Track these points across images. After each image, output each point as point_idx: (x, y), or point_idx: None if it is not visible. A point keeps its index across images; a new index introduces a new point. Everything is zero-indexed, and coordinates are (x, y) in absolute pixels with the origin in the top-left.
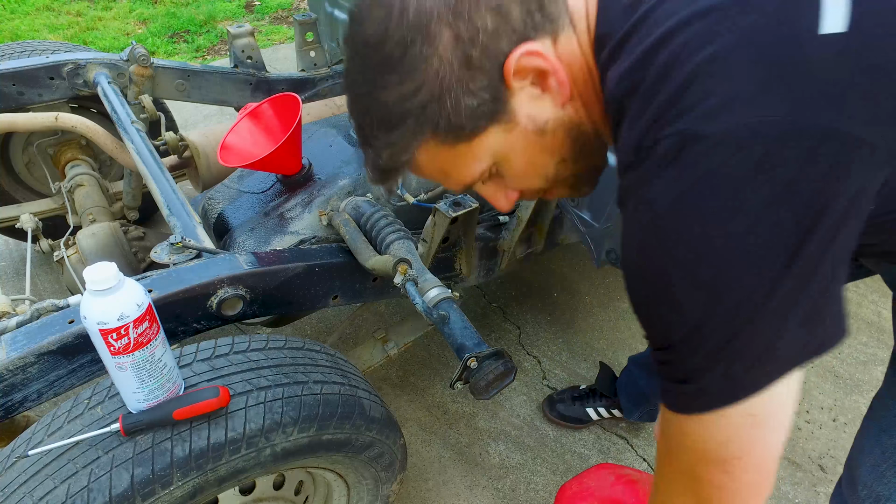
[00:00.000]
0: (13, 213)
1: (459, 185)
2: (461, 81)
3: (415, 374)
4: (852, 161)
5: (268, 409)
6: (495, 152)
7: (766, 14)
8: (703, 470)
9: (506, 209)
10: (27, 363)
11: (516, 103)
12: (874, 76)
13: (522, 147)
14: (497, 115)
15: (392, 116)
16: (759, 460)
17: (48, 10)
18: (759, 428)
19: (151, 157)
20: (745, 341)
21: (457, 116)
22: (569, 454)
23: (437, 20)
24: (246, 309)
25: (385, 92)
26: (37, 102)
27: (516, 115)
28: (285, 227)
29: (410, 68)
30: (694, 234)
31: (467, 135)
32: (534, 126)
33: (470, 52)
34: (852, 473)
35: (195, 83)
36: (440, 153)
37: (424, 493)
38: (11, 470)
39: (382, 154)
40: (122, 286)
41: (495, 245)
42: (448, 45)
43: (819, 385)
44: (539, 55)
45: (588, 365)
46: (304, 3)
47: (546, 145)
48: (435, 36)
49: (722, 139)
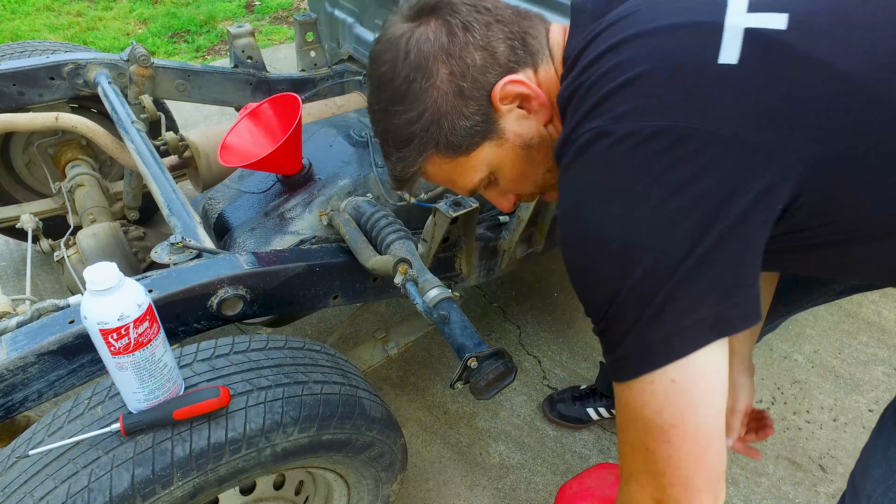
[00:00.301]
0: (13, 213)
1: (465, 191)
2: (456, 108)
3: (415, 374)
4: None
5: (268, 409)
6: (490, 163)
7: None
8: (650, 441)
9: (508, 210)
10: (28, 363)
11: (505, 123)
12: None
13: (513, 159)
14: (489, 134)
15: (401, 137)
16: (694, 428)
17: (48, 10)
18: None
19: (152, 157)
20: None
21: (453, 136)
22: (569, 454)
23: (434, 60)
24: (246, 309)
25: (395, 118)
26: (37, 102)
27: (505, 132)
28: (285, 227)
29: (414, 99)
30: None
31: (464, 150)
32: (521, 141)
33: (462, 84)
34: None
35: (195, 83)
36: (444, 165)
37: (425, 492)
38: (12, 470)
39: (397, 167)
40: (123, 286)
41: (496, 245)
42: (444, 79)
43: (819, 385)
44: (520, 83)
45: (588, 365)
46: (304, 3)
47: (532, 157)
48: (433, 73)
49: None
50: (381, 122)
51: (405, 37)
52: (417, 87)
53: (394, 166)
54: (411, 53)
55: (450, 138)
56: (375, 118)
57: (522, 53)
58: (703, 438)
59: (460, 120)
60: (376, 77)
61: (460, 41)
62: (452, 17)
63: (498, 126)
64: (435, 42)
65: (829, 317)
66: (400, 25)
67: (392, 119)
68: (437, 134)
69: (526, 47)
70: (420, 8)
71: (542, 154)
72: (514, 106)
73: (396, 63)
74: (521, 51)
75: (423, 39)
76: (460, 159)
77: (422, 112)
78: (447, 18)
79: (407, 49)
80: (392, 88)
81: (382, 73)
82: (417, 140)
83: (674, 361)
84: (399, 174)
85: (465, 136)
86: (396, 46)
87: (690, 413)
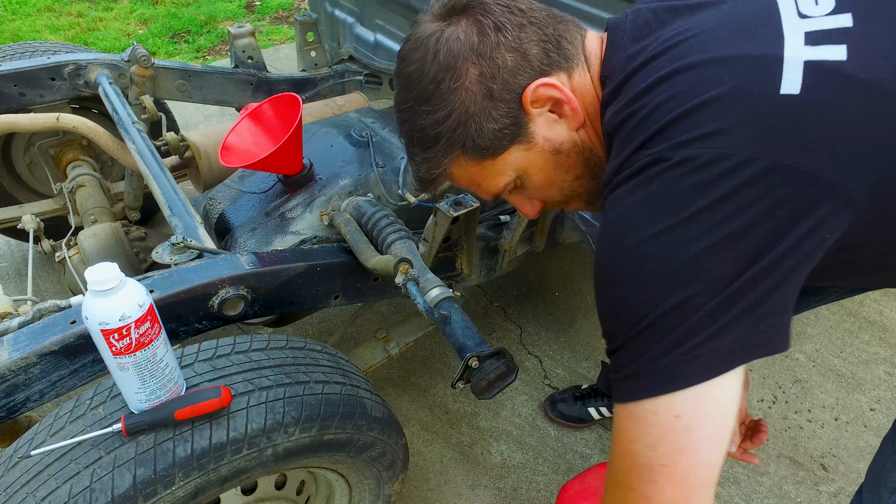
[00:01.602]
0: (15, 213)
1: (489, 195)
2: (484, 110)
3: (416, 373)
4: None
5: (269, 409)
6: (518, 167)
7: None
8: (633, 478)
9: (532, 216)
10: (29, 363)
11: (535, 127)
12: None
13: (541, 164)
14: (518, 137)
15: (427, 138)
16: (685, 473)
17: (49, 10)
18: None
19: (152, 158)
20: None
21: (481, 138)
22: (570, 453)
23: (464, 60)
24: (247, 309)
25: (422, 118)
26: (38, 103)
27: (535, 136)
28: (286, 227)
29: (441, 100)
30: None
31: (492, 153)
32: (550, 147)
33: (491, 86)
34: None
35: (196, 83)
36: (470, 167)
37: (426, 492)
38: (14, 470)
39: (422, 168)
40: (124, 286)
41: (496, 245)
42: (473, 80)
43: (821, 384)
44: (553, 87)
45: (589, 364)
46: (304, 2)
47: (561, 163)
48: (462, 73)
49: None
50: (408, 121)
51: (435, 36)
52: (445, 88)
53: (418, 167)
54: (440, 53)
55: (477, 140)
56: (402, 117)
57: (556, 57)
58: (691, 488)
59: (488, 122)
60: (404, 76)
61: (491, 42)
62: (484, 17)
63: (527, 129)
64: (465, 42)
65: (830, 316)
66: (430, 24)
67: (418, 119)
68: (463, 136)
69: (560, 51)
70: (451, 7)
71: (571, 160)
72: (545, 110)
73: (425, 63)
74: (554, 54)
75: (454, 39)
76: (487, 162)
77: (449, 113)
78: (479, 18)
79: (436, 49)
80: (420, 88)
81: (410, 72)
82: (444, 141)
83: (684, 389)
84: (424, 175)
85: (493, 139)
86: (426, 46)
87: (686, 455)
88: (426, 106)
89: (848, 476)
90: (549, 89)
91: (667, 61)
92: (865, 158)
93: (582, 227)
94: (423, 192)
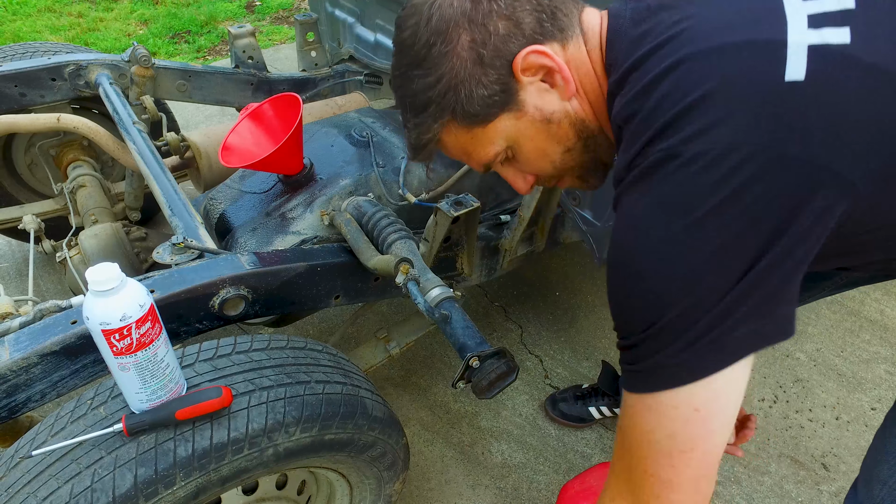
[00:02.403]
0: (15, 213)
1: (480, 165)
2: (474, 76)
3: (417, 373)
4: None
5: (270, 409)
6: (508, 136)
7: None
8: (651, 463)
9: (524, 191)
10: (30, 364)
11: (525, 95)
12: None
13: (531, 134)
14: (508, 105)
15: (418, 103)
16: (702, 456)
17: (49, 11)
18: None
19: (153, 158)
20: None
21: (470, 104)
22: (571, 453)
23: (455, 26)
24: (248, 309)
25: (413, 83)
26: (39, 104)
27: (525, 105)
28: (287, 227)
29: (432, 64)
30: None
31: (481, 120)
32: (541, 116)
33: (482, 52)
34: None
35: (196, 84)
36: (460, 135)
37: (427, 492)
38: (15, 470)
39: (412, 133)
40: (125, 287)
41: (497, 244)
42: (464, 46)
43: (822, 383)
44: (544, 54)
45: (590, 364)
46: (304, 2)
47: (552, 133)
48: (453, 38)
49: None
50: (401, 87)
51: (429, 2)
52: (436, 52)
53: (410, 133)
54: (433, 18)
55: (466, 107)
56: (396, 83)
57: (550, 27)
58: (706, 466)
59: (478, 88)
60: (399, 42)
61: (484, 8)
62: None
63: (518, 97)
64: (458, 8)
65: (831, 315)
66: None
67: (410, 84)
68: (453, 101)
69: (555, 21)
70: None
71: (563, 131)
72: (537, 79)
73: (418, 28)
74: (548, 24)
75: (447, 5)
76: (477, 130)
77: (439, 77)
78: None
79: (429, 14)
80: (412, 53)
81: (404, 38)
82: (434, 106)
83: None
84: (415, 141)
85: (483, 106)
86: (419, 11)
87: (703, 440)
88: (418, 70)
89: (849, 475)
90: (540, 57)
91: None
92: (871, 144)
93: (582, 227)
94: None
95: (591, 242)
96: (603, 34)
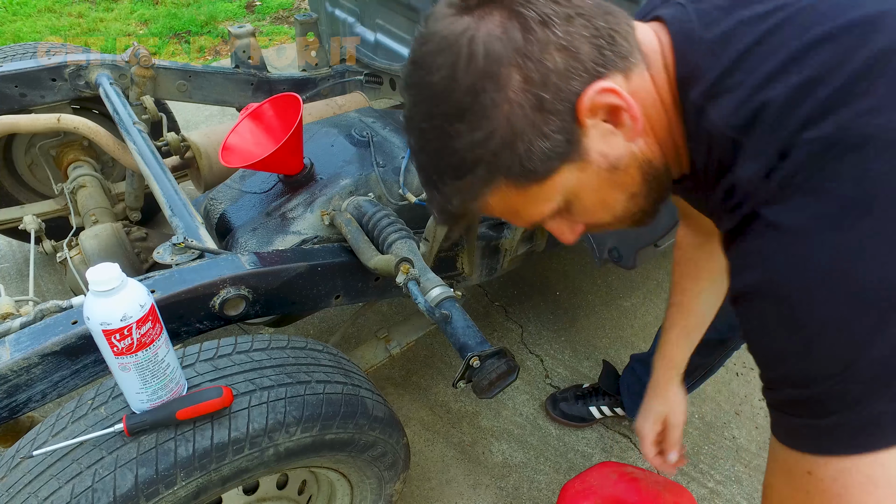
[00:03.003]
0: (16, 214)
1: (528, 223)
2: (534, 126)
3: (417, 373)
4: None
5: (271, 409)
6: (567, 191)
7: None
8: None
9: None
10: (31, 364)
11: (589, 141)
12: None
13: (595, 184)
14: (570, 155)
15: (463, 164)
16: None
17: (50, 11)
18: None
19: (153, 158)
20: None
21: (529, 161)
22: (572, 453)
23: (507, 64)
24: (248, 309)
25: (455, 140)
26: (39, 104)
27: (589, 153)
28: (287, 227)
29: (481, 115)
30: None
31: (540, 177)
32: (606, 163)
33: (541, 95)
34: None
35: (196, 84)
36: (511, 195)
37: (428, 492)
38: (16, 470)
39: (451, 200)
40: (125, 287)
41: (497, 244)
42: (518, 89)
43: None
44: (613, 92)
45: (591, 363)
46: (304, 2)
47: (618, 181)
48: (505, 80)
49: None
50: (432, 143)
51: (467, 34)
52: (487, 100)
53: (447, 200)
54: (478, 56)
55: (525, 164)
56: (424, 138)
57: (610, 55)
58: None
59: (539, 140)
60: (426, 87)
61: (539, 38)
62: (525, 9)
63: (580, 145)
64: (508, 41)
65: None
66: (454, 20)
67: (450, 141)
68: (509, 160)
69: (614, 47)
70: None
71: (629, 177)
72: (600, 120)
73: (456, 68)
74: (608, 51)
75: (494, 38)
76: (532, 188)
77: (491, 131)
78: (518, 10)
79: (471, 50)
80: (450, 101)
81: (434, 81)
82: (483, 167)
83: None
84: (455, 209)
85: (543, 160)
86: (455, 47)
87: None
88: (460, 123)
89: None
90: (609, 95)
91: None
92: None
93: None
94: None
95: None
96: (667, 49)
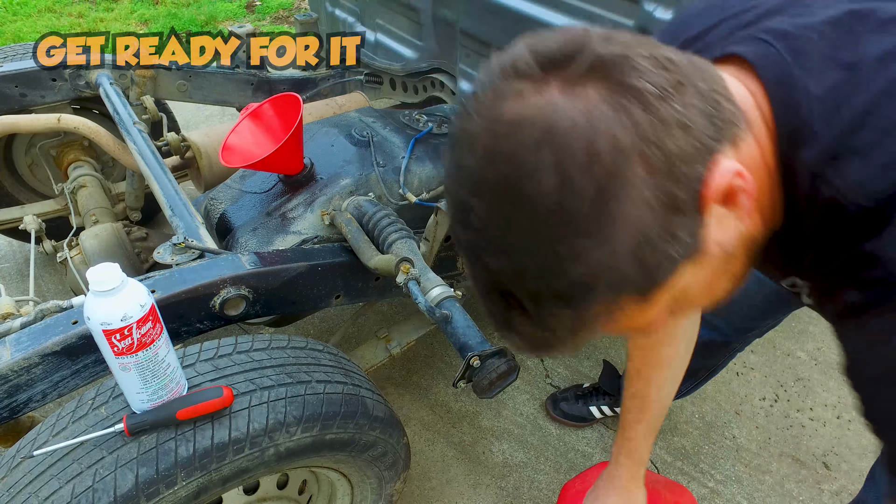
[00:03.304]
0: (16, 214)
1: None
2: (664, 227)
3: (418, 373)
4: None
5: (271, 409)
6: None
7: None
8: None
9: None
10: (31, 364)
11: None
12: None
13: (708, 277)
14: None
15: (579, 289)
16: None
17: (50, 11)
18: None
19: (153, 158)
20: None
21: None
22: (572, 452)
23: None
24: (249, 309)
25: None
26: (39, 104)
27: (707, 244)
28: (287, 226)
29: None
30: None
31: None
32: (722, 252)
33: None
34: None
35: (197, 84)
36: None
37: (428, 491)
38: (17, 470)
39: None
40: (126, 287)
41: None
42: (642, 184)
43: (823, 382)
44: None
45: (591, 363)
46: (304, 2)
47: (729, 269)
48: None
49: None
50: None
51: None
52: (615, 208)
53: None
54: (602, 152)
55: (653, 276)
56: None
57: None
58: None
59: (667, 244)
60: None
61: (662, 118)
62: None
63: (700, 237)
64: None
65: None
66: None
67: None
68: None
69: (720, 114)
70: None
71: (738, 262)
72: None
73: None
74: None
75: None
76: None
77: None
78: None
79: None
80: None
81: (540, 189)
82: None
83: None
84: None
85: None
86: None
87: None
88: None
89: (850, 474)
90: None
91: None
92: None
93: None
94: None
95: None
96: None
